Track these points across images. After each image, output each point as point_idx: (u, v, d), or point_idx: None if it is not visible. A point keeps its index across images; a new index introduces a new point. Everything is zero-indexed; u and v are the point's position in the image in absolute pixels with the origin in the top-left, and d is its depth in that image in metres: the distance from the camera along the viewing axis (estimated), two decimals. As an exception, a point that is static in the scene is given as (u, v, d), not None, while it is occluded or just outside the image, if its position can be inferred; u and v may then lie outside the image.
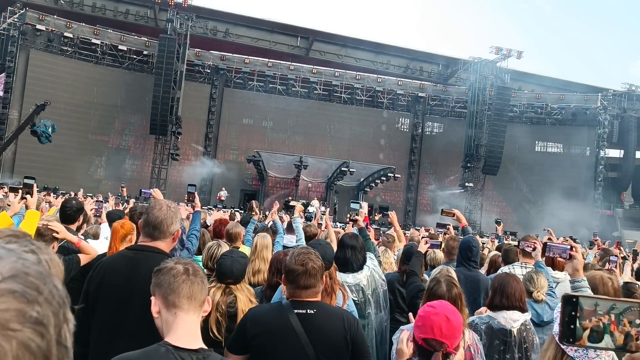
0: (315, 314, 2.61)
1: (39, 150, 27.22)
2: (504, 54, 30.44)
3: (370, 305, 4.17)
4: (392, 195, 34.56)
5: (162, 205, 2.77)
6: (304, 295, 2.64)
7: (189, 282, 1.89)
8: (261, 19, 33.05)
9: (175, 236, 2.78)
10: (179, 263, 1.94)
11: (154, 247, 2.68)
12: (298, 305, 2.62)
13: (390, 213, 7.02)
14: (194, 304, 1.89)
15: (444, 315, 2.27)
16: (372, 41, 34.88)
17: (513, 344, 3.33)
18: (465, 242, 5.00)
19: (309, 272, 2.63)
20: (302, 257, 2.67)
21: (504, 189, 33.68)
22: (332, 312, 2.79)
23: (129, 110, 30.67)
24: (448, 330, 2.24)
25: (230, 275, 3.43)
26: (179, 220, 2.80)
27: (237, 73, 31.73)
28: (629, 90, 33.56)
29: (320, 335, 2.58)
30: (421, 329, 2.27)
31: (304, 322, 2.57)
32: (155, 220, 2.69)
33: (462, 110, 33.13)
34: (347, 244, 4.24)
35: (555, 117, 33.36)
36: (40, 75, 27.88)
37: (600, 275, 3.26)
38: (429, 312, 2.30)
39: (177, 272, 1.90)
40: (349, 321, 2.70)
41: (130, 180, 27.69)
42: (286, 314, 2.59)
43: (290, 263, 2.67)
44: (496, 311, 3.42)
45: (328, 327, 2.63)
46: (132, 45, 29.84)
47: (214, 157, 32.17)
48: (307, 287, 2.63)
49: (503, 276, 3.59)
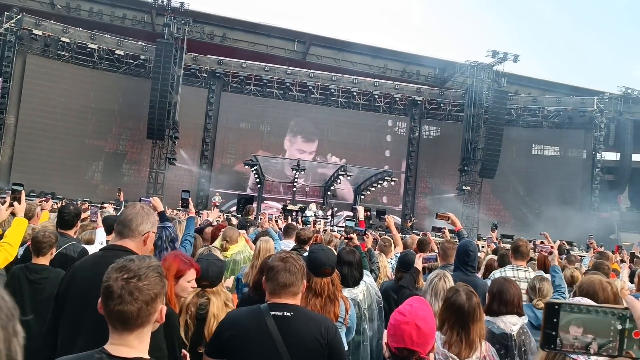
0: (292, 316, 2.58)
1: (36, 155, 27.22)
2: (500, 58, 30.52)
3: (366, 321, 4.16)
4: (390, 199, 34.58)
5: (136, 205, 2.81)
6: (282, 294, 2.62)
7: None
8: (258, 23, 33.11)
9: (145, 238, 2.75)
10: (123, 270, 1.78)
11: (121, 245, 2.67)
12: (275, 307, 2.60)
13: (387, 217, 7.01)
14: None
15: (414, 324, 2.26)
16: (369, 45, 34.98)
17: (514, 347, 3.35)
18: (463, 247, 4.97)
19: (289, 269, 2.64)
20: (283, 255, 2.73)
21: (501, 192, 33.73)
22: (311, 317, 2.76)
23: (126, 115, 30.62)
24: (419, 338, 2.25)
25: (205, 277, 3.43)
26: (151, 222, 2.78)
27: (234, 77, 31.72)
28: (625, 93, 33.65)
29: (296, 338, 2.56)
30: (393, 338, 2.29)
31: (280, 325, 2.54)
32: (125, 218, 2.73)
33: (459, 113, 33.18)
34: (344, 259, 4.23)
35: (551, 120, 33.43)
36: (37, 80, 27.84)
37: (599, 280, 3.20)
38: (400, 321, 2.29)
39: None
40: (326, 327, 2.66)
41: (127, 185, 27.69)
42: (262, 316, 2.57)
43: (271, 261, 2.73)
44: (494, 316, 3.44)
45: (304, 331, 2.60)
46: (129, 49, 29.82)
47: (211, 161, 32.17)
48: (285, 284, 2.62)
49: (501, 282, 3.58)
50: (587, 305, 1.13)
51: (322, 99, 33.08)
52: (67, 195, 24.11)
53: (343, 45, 34.33)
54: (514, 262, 5.25)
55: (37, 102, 27.70)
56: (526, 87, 36.04)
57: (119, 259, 1.84)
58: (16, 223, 3.97)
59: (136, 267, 1.78)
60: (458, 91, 33.99)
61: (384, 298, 4.63)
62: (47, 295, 4.12)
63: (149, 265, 1.82)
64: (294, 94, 32.49)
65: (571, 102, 33.05)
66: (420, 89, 33.84)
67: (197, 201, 29.08)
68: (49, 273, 4.21)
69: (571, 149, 34.64)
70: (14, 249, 3.88)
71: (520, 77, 34.62)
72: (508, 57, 30.43)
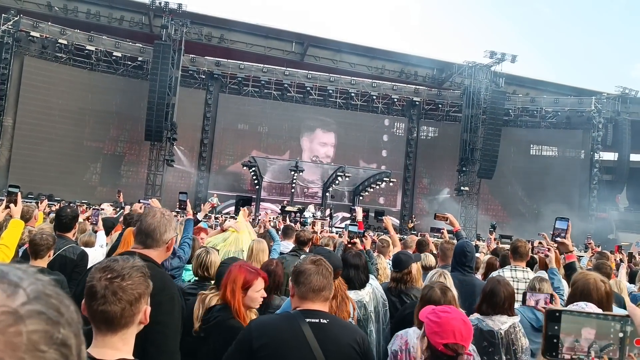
0: (328, 323, 2.48)
1: (34, 157, 27.17)
2: (498, 58, 30.58)
3: (372, 322, 4.18)
4: (388, 200, 34.59)
5: (157, 212, 2.70)
6: (315, 299, 2.52)
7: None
8: (256, 24, 33.10)
9: (169, 245, 2.70)
10: (107, 270, 1.76)
11: (144, 254, 2.60)
12: (309, 314, 2.49)
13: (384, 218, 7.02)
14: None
15: (460, 319, 2.32)
16: (367, 46, 35.00)
17: (500, 345, 3.41)
18: (460, 248, 5.00)
19: (322, 272, 2.54)
20: (314, 258, 2.64)
21: (500, 192, 33.77)
22: (345, 324, 2.70)
23: (123, 117, 30.60)
24: (466, 333, 2.28)
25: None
26: (173, 228, 2.73)
27: (232, 79, 31.71)
28: (623, 93, 33.73)
29: (334, 346, 2.46)
30: (441, 335, 2.27)
31: (316, 332, 2.43)
32: (148, 228, 2.63)
33: (457, 114, 33.22)
34: (351, 262, 4.23)
35: (549, 120, 33.47)
36: (34, 82, 27.79)
37: (594, 279, 3.17)
38: (447, 317, 2.31)
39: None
40: (361, 336, 2.61)
41: (125, 187, 27.59)
42: (297, 324, 2.44)
43: (301, 265, 2.61)
44: (484, 315, 3.52)
45: (342, 338, 2.51)
46: (127, 51, 29.80)
47: (209, 163, 32.16)
48: (320, 288, 2.52)
49: (494, 283, 3.62)
50: (589, 312, 1.13)
51: (320, 100, 33.09)
52: (65, 197, 24.10)
53: (341, 46, 34.34)
54: (512, 262, 5.27)
55: (34, 104, 27.65)
56: (524, 87, 36.09)
57: (103, 260, 1.85)
58: (12, 225, 3.95)
59: (120, 267, 1.76)
60: (456, 92, 34.04)
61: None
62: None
63: (133, 265, 1.80)
64: (292, 95, 32.50)
65: (569, 102, 33.11)
66: (418, 89, 33.87)
67: (195, 203, 29.04)
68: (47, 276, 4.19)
69: (569, 149, 34.69)
70: (11, 251, 3.87)
71: (518, 78, 34.68)
72: (506, 57, 30.49)
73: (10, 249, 3.87)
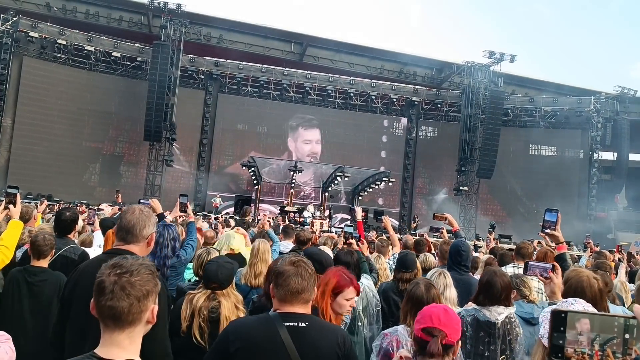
0: (307, 327, 2.41)
1: (33, 157, 27.15)
2: (497, 58, 30.60)
3: (362, 322, 4.15)
4: (387, 200, 34.59)
5: (135, 209, 2.82)
6: (294, 302, 2.45)
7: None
8: (255, 24, 33.08)
9: (149, 240, 2.79)
10: (116, 267, 1.79)
11: (126, 250, 2.67)
12: (288, 317, 2.41)
13: (384, 218, 7.04)
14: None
15: (442, 308, 2.36)
16: (366, 46, 34.99)
17: (497, 335, 3.46)
18: (455, 247, 5.05)
19: (301, 274, 2.46)
20: (294, 259, 2.58)
21: (499, 192, 33.78)
22: (326, 327, 2.61)
23: (123, 117, 30.57)
24: (446, 319, 2.26)
25: (215, 280, 3.45)
26: (152, 224, 2.82)
27: (231, 79, 31.70)
28: (622, 93, 33.76)
29: (312, 350, 2.39)
30: (420, 322, 2.29)
31: (294, 336, 2.36)
32: (128, 225, 2.75)
33: (456, 114, 33.24)
34: (342, 260, 4.26)
35: (548, 120, 33.48)
36: (33, 82, 27.76)
37: (587, 276, 3.13)
38: (428, 307, 2.38)
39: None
40: (342, 338, 2.52)
41: (124, 187, 27.67)
42: (275, 327, 2.37)
43: (280, 266, 2.55)
44: (481, 306, 3.56)
45: (321, 342, 2.43)
46: (126, 51, 29.77)
47: (209, 163, 32.15)
48: (298, 291, 2.44)
49: (491, 275, 3.63)
50: (594, 313, 1.15)
51: (319, 100, 33.10)
52: (64, 197, 24.06)
53: (340, 47, 34.34)
54: (515, 262, 5.34)
55: (33, 104, 27.63)
56: (523, 87, 36.11)
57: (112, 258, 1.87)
58: (12, 226, 3.96)
59: (129, 264, 1.79)
60: (455, 92, 34.06)
61: (384, 299, 4.64)
62: (46, 298, 4.12)
63: (142, 263, 1.83)
64: (291, 95, 32.50)
65: (568, 102, 33.13)
66: (417, 89, 33.87)
67: (195, 203, 29.07)
68: (48, 276, 4.22)
69: (568, 148, 34.71)
70: (10, 252, 3.88)
71: (517, 78, 34.68)
72: (505, 57, 30.51)
73: (10, 250, 3.88)
